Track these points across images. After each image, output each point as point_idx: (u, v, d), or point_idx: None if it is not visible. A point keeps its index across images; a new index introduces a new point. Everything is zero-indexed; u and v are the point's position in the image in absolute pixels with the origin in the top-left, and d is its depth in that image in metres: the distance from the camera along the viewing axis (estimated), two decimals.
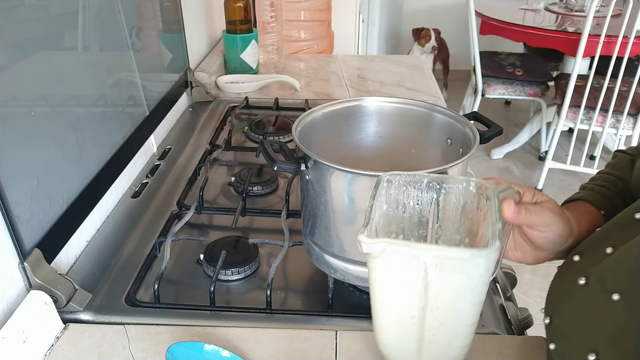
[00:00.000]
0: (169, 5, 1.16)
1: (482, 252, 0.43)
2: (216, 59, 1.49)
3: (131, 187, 0.96)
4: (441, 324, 0.48)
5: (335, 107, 0.75)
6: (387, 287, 0.48)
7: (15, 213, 0.61)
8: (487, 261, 0.44)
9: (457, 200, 0.53)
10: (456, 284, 0.45)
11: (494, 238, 0.44)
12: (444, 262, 0.44)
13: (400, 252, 0.45)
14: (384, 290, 0.49)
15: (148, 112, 1.02)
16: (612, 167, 0.65)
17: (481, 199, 0.51)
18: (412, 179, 0.53)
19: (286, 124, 1.22)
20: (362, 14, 2.53)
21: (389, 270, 0.47)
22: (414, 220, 0.55)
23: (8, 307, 0.61)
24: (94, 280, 0.73)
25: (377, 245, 0.45)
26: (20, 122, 0.64)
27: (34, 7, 0.68)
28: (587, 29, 2.30)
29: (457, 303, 0.47)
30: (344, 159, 0.67)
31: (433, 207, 0.54)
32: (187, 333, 0.63)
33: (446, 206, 0.54)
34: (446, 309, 0.47)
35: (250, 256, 0.77)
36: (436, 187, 0.53)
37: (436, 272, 0.44)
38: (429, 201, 0.54)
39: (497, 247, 0.43)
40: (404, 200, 0.54)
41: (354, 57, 1.78)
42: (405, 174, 0.53)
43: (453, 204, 0.53)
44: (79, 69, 0.80)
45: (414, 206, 0.54)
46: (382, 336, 0.53)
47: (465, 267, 0.44)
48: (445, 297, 0.47)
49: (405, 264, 0.45)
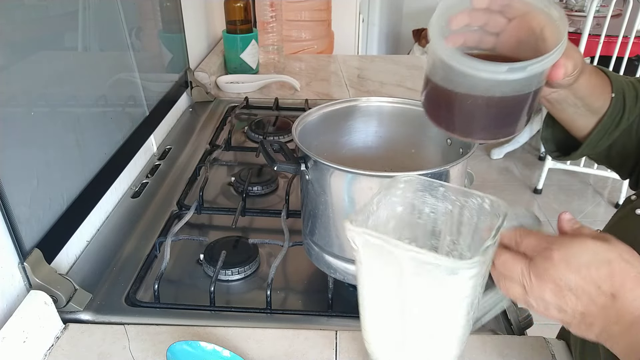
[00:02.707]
0: (169, 5, 1.16)
1: (458, 263, 0.41)
2: (216, 59, 1.49)
3: (131, 187, 0.96)
4: (420, 331, 0.47)
5: (335, 107, 0.75)
6: (368, 283, 0.48)
7: (15, 213, 0.61)
8: (465, 276, 0.41)
9: (470, 216, 0.50)
10: (433, 292, 0.44)
11: (475, 252, 0.42)
12: (419, 266, 0.42)
13: (379, 247, 0.43)
14: (365, 287, 0.48)
15: (148, 112, 1.02)
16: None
17: (494, 218, 0.48)
18: (429, 184, 0.51)
19: (286, 124, 1.22)
20: (362, 14, 2.53)
21: (370, 266, 0.46)
22: (428, 228, 0.53)
23: (8, 307, 0.61)
24: (94, 280, 0.73)
25: (360, 237, 0.44)
26: (20, 122, 0.64)
27: (34, 7, 0.68)
28: (587, 29, 2.30)
29: (435, 312, 0.45)
30: (344, 159, 0.67)
31: (448, 218, 0.51)
32: (187, 333, 0.63)
33: (461, 220, 0.51)
34: (424, 316, 0.46)
35: (250, 256, 0.77)
36: (452, 198, 0.50)
37: (413, 275, 0.43)
38: (443, 211, 0.51)
39: (475, 262, 0.40)
40: (420, 206, 0.52)
41: (354, 57, 1.78)
42: (422, 178, 0.50)
43: (467, 219, 0.50)
44: (79, 69, 0.80)
45: (429, 214, 0.52)
46: (365, 332, 0.52)
47: (441, 276, 0.42)
48: (422, 303, 0.45)
49: (383, 261, 0.44)
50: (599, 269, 0.40)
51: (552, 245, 0.42)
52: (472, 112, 0.53)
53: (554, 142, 0.69)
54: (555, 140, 0.69)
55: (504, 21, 0.54)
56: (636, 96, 0.62)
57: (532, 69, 0.47)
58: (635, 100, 0.62)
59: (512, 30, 0.54)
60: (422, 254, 0.41)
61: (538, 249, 0.43)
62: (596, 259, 0.40)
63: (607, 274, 0.40)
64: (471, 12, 0.53)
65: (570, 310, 0.41)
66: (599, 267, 0.40)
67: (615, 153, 0.65)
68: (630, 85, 0.63)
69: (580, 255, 0.41)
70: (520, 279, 0.43)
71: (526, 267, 0.42)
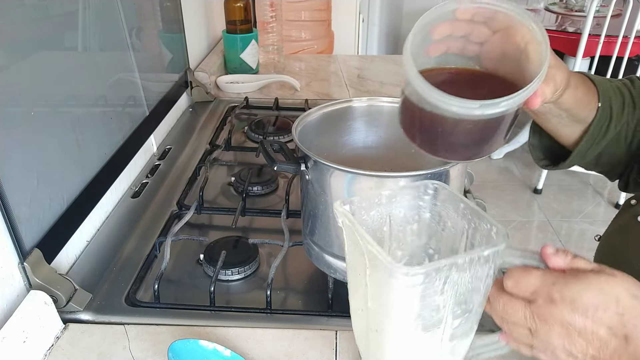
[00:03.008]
0: (169, 5, 1.16)
1: (393, 265, 0.39)
2: (216, 59, 1.49)
3: (131, 187, 0.96)
4: (372, 325, 0.46)
5: (335, 107, 0.75)
6: (350, 273, 0.48)
7: (15, 213, 0.61)
8: (403, 283, 0.39)
9: (480, 241, 0.47)
10: (380, 290, 0.42)
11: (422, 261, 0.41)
12: (373, 259, 0.41)
13: (351, 236, 0.42)
14: (349, 277, 0.48)
15: (148, 112, 1.02)
16: None
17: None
18: (453, 197, 0.49)
19: (286, 124, 1.22)
20: (362, 14, 2.53)
21: (349, 256, 0.46)
22: (449, 244, 0.51)
23: (8, 307, 0.61)
24: (94, 280, 0.73)
25: (341, 217, 0.43)
26: (20, 122, 0.64)
27: (34, 7, 0.68)
28: (587, 29, 2.30)
29: (383, 313, 0.44)
30: (344, 159, 0.67)
31: (464, 238, 0.49)
32: (187, 333, 0.63)
33: (473, 242, 0.48)
34: (378, 315, 0.45)
35: (250, 256, 0.77)
36: (468, 218, 0.48)
37: (370, 267, 0.42)
38: (461, 229, 0.49)
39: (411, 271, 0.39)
40: (445, 218, 0.50)
41: (354, 57, 1.78)
42: (448, 189, 0.49)
43: (477, 243, 0.47)
44: (79, 69, 0.80)
45: (450, 228, 0.50)
46: (352, 323, 0.53)
47: (385, 276, 0.40)
48: (374, 298, 0.44)
49: (356, 248, 0.44)
50: (606, 310, 0.38)
51: (554, 286, 0.39)
52: (445, 134, 0.52)
53: (541, 149, 0.68)
54: (543, 147, 0.68)
55: (488, 32, 0.53)
56: (623, 102, 0.61)
57: (507, 104, 0.46)
58: (623, 107, 0.61)
59: (497, 42, 0.53)
60: (372, 246, 0.40)
61: (539, 290, 0.40)
62: (603, 298, 0.38)
63: (616, 312, 0.38)
64: (454, 22, 0.52)
65: (580, 355, 0.39)
66: (607, 307, 0.38)
67: (604, 160, 0.65)
68: (617, 91, 0.62)
69: (585, 294, 0.38)
70: (524, 322, 0.41)
71: (529, 311, 0.41)
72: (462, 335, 0.47)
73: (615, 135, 0.61)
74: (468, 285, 0.43)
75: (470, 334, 0.48)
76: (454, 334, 0.46)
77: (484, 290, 0.44)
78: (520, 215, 2.56)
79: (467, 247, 0.49)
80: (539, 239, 2.41)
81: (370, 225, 0.51)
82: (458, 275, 0.41)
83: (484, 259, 0.41)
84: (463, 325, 0.46)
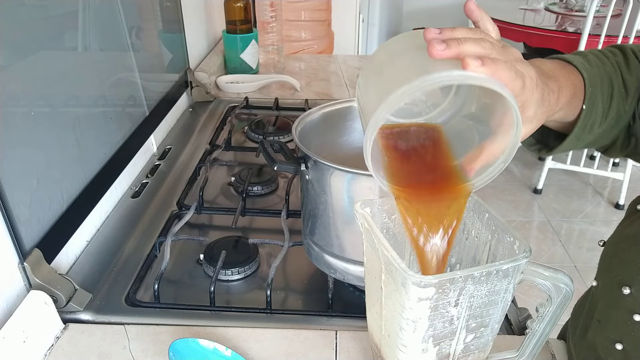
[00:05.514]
0: (169, 5, 1.16)
1: (408, 273, 0.39)
2: (216, 59, 1.49)
3: (131, 187, 0.96)
4: (389, 334, 0.46)
5: (335, 107, 0.75)
6: (367, 276, 0.48)
7: (15, 213, 0.61)
8: (414, 293, 0.39)
9: (503, 254, 0.46)
10: (393, 297, 0.42)
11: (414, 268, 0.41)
12: (388, 263, 0.41)
13: (369, 238, 0.43)
14: (366, 278, 0.49)
15: (148, 112, 1.02)
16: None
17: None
18: (478, 206, 0.48)
19: (286, 124, 1.22)
20: (362, 14, 2.53)
21: (367, 257, 0.46)
22: (471, 253, 0.50)
23: (8, 307, 0.61)
24: (94, 280, 0.73)
25: (360, 218, 0.44)
26: (20, 122, 0.64)
27: (34, 7, 0.68)
28: (587, 29, 2.30)
29: (398, 320, 0.43)
30: (344, 159, 0.66)
31: (486, 249, 0.48)
32: (187, 333, 0.63)
33: (496, 254, 0.47)
34: (390, 320, 0.45)
35: (250, 256, 0.77)
36: (492, 229, 0.47)
37: (386, 274, 0.42)
38: (485, 241, 0.48)
39: (423, 280, 0.39)
40: (469, 227, 0.49)
41: (354, 57, 1.78)
42: (474, 196, 0.47)
43: (500, 256, 0.46)
44: (79, 69, 0.80)
45: (474, 237, 0.49)
46: (368, 323, 0.53)
47: (397, 283, 0.40)
48: (386, 302, 0.44)
49: (375, 254, 0.44)
50: None
51: None
52: None
53: (532, 135, 0.65)
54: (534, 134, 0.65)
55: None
56: (611, 95, 0.58)
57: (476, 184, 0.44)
58: (610, 101, 0.58)
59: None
60: (387, 251, 0.41)
61: None
62: None
63: None
64: None
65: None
66: None
67: (603, 139, 0.61)
68: (606, 81, 0.59)
69: None
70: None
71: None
72: (477, 351, 0.47)
73: (610, 120, 0.58)
74: (485, 299, 0.42)
75: (486, 349, 0.48)
76: (467, 348, 0.46)
77: (501, 305, 0.44)
78: (520, 215, 2.56)
79: (489, 258, 0.48)
80: (539, 239, 2.41)
81: (392, 228, 0.51)
82: (474, 287, 0.41)
83: (503, 273, 0.41)
84: (478, 339, 0.46)
